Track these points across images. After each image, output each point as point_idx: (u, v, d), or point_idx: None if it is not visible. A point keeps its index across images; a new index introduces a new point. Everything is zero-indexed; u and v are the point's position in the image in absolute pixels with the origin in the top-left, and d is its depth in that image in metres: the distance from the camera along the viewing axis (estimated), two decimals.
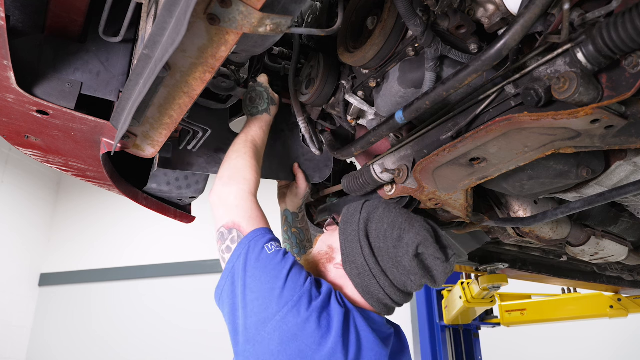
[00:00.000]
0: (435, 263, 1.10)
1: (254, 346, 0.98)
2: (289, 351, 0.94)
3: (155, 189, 1.55)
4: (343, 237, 1.18)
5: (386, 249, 1.11)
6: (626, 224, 1.57)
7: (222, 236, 1.13)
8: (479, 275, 3.28)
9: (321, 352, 0.95)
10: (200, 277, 5.98)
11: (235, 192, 1.17)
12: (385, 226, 1.14)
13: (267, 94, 1.42)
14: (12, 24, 1.12)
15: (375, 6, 1.22)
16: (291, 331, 0.96)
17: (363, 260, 1.12)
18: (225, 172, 1.23)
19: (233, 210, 1.15)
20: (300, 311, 0.97)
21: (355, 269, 1.13)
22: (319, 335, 0.96)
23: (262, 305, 0.99)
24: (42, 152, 1.38)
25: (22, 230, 6.42)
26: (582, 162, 1.06)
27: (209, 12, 0.82)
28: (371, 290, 1.12)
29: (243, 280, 1.03)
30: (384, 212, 1.18)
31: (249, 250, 1.06)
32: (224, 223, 1.15)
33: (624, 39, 0.70)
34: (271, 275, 1.02)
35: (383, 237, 1.12)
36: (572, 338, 4.79)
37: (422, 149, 1.17)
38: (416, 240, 1.09)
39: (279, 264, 1.04)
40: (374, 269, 1.10)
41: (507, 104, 0.93)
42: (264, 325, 0.97)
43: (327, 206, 1.73)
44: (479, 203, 1.40)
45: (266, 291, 1.00)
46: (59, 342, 6.20)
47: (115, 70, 1.21)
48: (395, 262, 1.10)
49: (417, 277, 1.09)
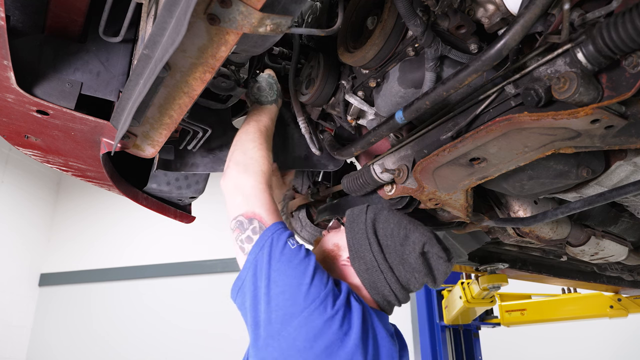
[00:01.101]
0: (438, 262, 1.14)
1: (278, 341, 0.97)
2: (316, 348, 0.96)
3: (155, 189, 1.55)
4: (351, 235, 1.21)
5: (393, 247, 1.15)
6: (626, 224, 1.57)
7: (241, 225, 1.11)
8: (479, 275, 3.28)
9: (345, 348, 0.97)
10: (200, 277, 5.98)
11: (252, 182, 1.16)
12: (392, 225, 1.18)
13: (277, 86, 1.42)
14: (12, 24, 1.12)
15: (375, 6, 1.22)
16: (318, 327, 0.97)
17: (372, 256, 1.15)
18: (240, 159, 1.20)
19: (252, 200, 1.13)
20: (327, 309, 0.98)
21: (363, 264, 1.16)
22: (342, 333, 0.98)
23: (289, 299, 0.99)
24: (42, 152, 1.38)
25: (22, 230, 6.43)
26: (582, 162, 1.06)
27: (209, 12, 0.82)
28: (378, 286, 1.15)
29: (267, 273, 1.02)
30: (389, 214, 1.22)
31: (273, 243, 1.05)
32: (242, 212, 1.12)
33: (624, 39, 0.70)
34: (298, 270, 1.02)
35: (390, 235, 1.17)
36: (572, 338, 4.79)
37: (422, 149, 1.17)
38: (422, 239, 1.14)
39: (303, 260, 1.04)
40: (382, 265, 1.14)
41: (507, 104, 0.93)
42: (290, 320, 0.98)
43: (327, 206, 1.73)
44: (479, 203, 1.40)
45: (293, 286, 1.00)
46: (59, 342, 6.20)
47: (115, 70, 1.21)
48: (401, 259, 1.14)
49: (420, 275, 1.13)
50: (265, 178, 1.19)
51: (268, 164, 1.22)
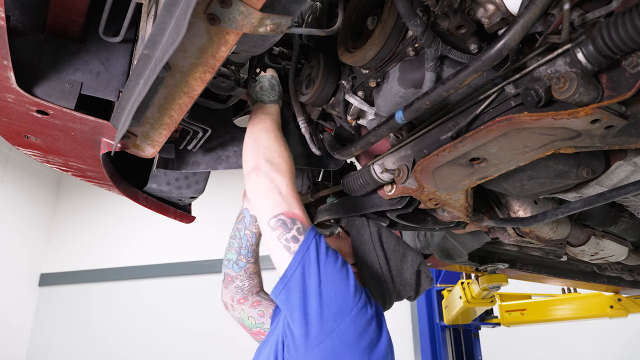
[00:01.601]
0: (425, 281, 1.34)
1: (330, 337, 1.04)
2: (362, 343, 1.06)
3: (155, 189, 1.54)
4: (358, 244, 1.35)
5: (395, 261, 1.32)
6: (626, 224, 1.57)
7: (284, 224, 1.12)
8: (479, 275, 3.28)
9: (381, 346, 1.09)
10: (200, 277, 5.99)
11: (287, 182, 1.17)
12: (394, 242, 1.35)
13: (279, 87, 1.43)
14: (12, 24, 1.12)
15: (375, 6, 1.22)
16: (362, 326, 1.07)
17: (378, 266, 1.30)
18: (271, 157, 1.20)
19: (291, 200, 1.15)
20: (368, 310, 1.09)
21: (370, 273, 1.30)
22: (379, 332, 1.10)
23: (341, 298, 1.07)
24: (42, 152, 1.38)
25: (22, 230, 6.42)
26: (582, 162, 1.06)
27: (209, 12, 0.82)
28: (379, 294, 1.28)
29: (317, 272, 1.08)
30: (389, 231, 1.39)
31: (318, 245, 1.11)
32: (282, 211, 1.13)
33: (624, 39, 0.70)
34: (342, 272, 1.10)
35: (393, 251, 1.33)
36: (572, 338, 4.79)
37: (422, 149, 1.17)
38: (418, 259, 1.33)
39: (344, 265, 1.12)
40: (386, 275, 1.30)
41: (507, 104, 0.93)
42: (342, 318, 1.06)
43: (327, 206, 1.73)
44: (479, 203, 1.40)
45: (343, 287, 1.08)
46: (59, 342, 6.20)
47: (115, 70, 1.21)
48: (399, 273, 1.31)
49: (409, 290, 1.31)
50: (294, 179, 1.22)
51: (293, 165, 1.25)
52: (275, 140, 1.25)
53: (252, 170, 1.19)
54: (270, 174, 1.17)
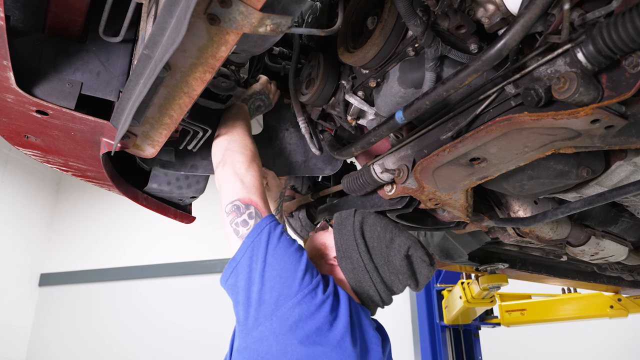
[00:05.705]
0: (421, 265, 1.22)
1: (270, 320, 1.03)
2: (307, 328, 1.03)
3: (155, 189, 1.54)
4: (339, 235, 1.27)
5: (379, 248, 1.23)
6: (626, 224, 1.57)
7: (237, 209, 1.15)
8: (479, 275, 3.28)
9: (334, 332, 1.04)
10: (200, 277, 5.99)
11: (253, 174, 1.21)
12: (378, 229, 1.26)
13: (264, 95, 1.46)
14: (12, 24, 1.12)
15: (375, 6, 1.22)
16: (310, 310, 1.04)
17: (358, 256, 1.22)
18: (241, 150, 1.25)
19: (251, 189, 1.18)
20: (318, 294, 1.06)
21: (350, 264, 1.23)
22: (332, 317, 1.06)
23: (285, 282, 1.05)
24: (42, 152, 1.37)
25: (22, 230, 6.42)
26: (582, 162, 1.06)
27: (209, 12, 0.82)
28: (363, 285, 1.21)
29: (264, 256, 1.08)
30: (376, 218, 1.30)
31: (271, 231, 1.11)
32: (239, 197, 1.17)
33: (624, 39, 0.70)
34: (293, 258, 1.09)
35: (377, 238, 1.24)
36: (572, 338, 4.79)
37: (422, 149, 1.17)
38: (407, 242, 1.22)
39: (297, 251, 1.11)
40: (368, 265, 1.21)
41: (507, 104, 0.93)
42: (284, 301, 1.04)
43: (327, 206, 1.73)
44: (479, 203, 1.40)
45: (289, 271, 1.07)
46: (59, 342, 6.20)
47: (115, 70, 1.21)
48: (387, 261, 1.22)
49: (404, 277, 1.21)
50: (261, 174, 1.26)
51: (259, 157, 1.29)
52: (244, 135, 1.30)
53: (220, 162, 1.25)
54: (235, 165, 1.21)
